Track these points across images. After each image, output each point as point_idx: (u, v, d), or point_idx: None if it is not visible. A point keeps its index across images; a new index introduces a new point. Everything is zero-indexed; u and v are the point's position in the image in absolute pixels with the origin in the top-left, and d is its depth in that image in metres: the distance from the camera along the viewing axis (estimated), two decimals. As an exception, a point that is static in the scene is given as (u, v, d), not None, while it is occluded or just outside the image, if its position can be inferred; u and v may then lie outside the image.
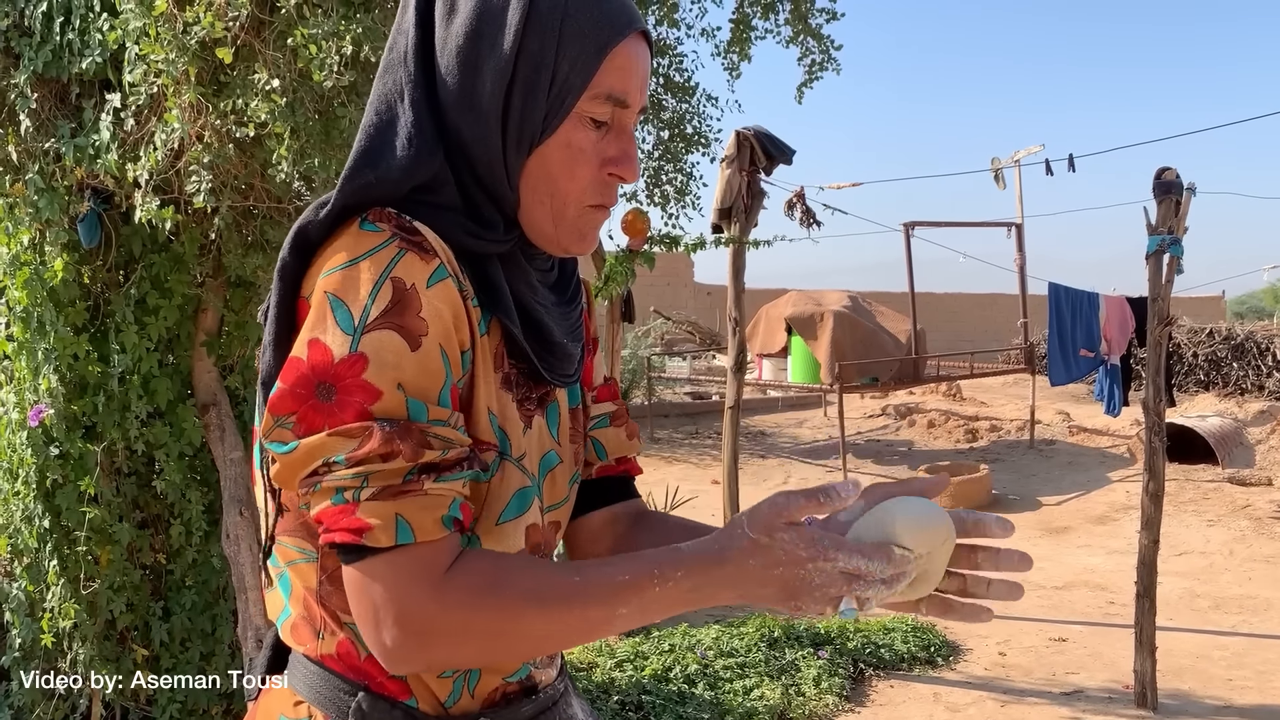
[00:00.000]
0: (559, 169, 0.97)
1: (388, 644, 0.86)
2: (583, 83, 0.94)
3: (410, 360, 0.86)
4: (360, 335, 0.85)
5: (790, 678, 4.34)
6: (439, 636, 0.86)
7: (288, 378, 0.86)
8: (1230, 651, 5.05)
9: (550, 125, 0.95)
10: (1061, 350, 9.90)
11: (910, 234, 11.82)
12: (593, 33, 0.94)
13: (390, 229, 0.89)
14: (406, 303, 0.86)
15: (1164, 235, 3.96)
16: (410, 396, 0.86)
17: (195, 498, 3.16)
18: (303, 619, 0.98)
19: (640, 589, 0.87)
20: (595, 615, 0.88)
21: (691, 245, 5.17)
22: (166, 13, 2.46)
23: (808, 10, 4.89)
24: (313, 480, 0.86)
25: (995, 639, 5.22)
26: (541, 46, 0.93)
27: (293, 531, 0.96)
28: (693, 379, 14.10)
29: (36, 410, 3.07)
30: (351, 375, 0.85)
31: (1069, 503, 8.79)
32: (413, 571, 0.85)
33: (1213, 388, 14.94)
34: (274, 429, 0.87)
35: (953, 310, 22.67)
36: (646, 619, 0.90)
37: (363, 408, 0.84)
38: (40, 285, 3.06)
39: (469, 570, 0.87)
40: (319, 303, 0.87)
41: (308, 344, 0.86)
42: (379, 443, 0.83)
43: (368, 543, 0.84)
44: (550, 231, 0.99)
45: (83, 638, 3.12)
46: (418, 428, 0.85)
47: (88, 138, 2.79)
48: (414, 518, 0.85)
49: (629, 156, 1.00)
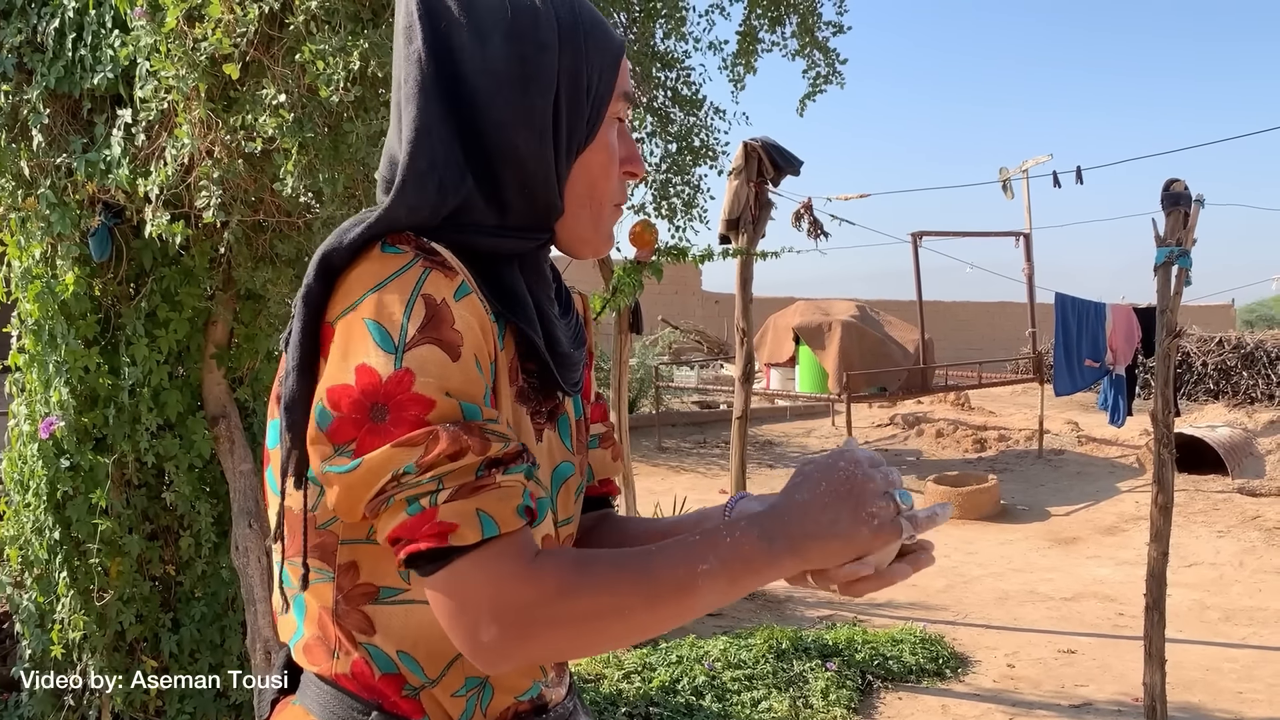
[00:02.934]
0: (599, 171, 1.04)
1: (486, 641, 0.85)
2: (610, 88, 1.03)
3: (454, 370, 0.87)
4: (403, 353, 0.86)
5: (798, 689, 4.33)
6: (539, 625, 0.86)
7: (341, 405, 0.87)
8: (1241, 664, 5.02)
9: (593, 131, 1.02)
10: (1066, 360, 9.89)
11: (918, 244, 11.81)
12: (607, 44, 1.03)
13: (412, 250, 0.91)
14: (441, 317, 0.88)
15: (1172, 247, 3.95)
16: (462, 401, 0.87)
17: (205, 510, 3.17)
18: (317, 639, 0.99)
19: (714, 542, 0.89)
20: (680, 575, 0.88)
21: (699, 257, 5.18)
22: (177, 29, 2.48)
23: (814, 24, 4.91)
24: (382, 498, 0.86)
25: (1004, 650, 5.21)
26: (575, 60, 1.00)
27: (309, 552, 0.96)
28: (700, 388, 14.09)
29: (47, 422, 3.09)
30: (401, 391, 0.86)
31: (1078, 513, 8.76)
32: (503, 564, 0.85)
33: (1222, 397, 14.89)
34: (334, 456, 0.88)
35: (961, 319, 22.62)
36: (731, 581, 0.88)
37: (419, 418, 0.85)
38: (52, 298, 3.08)
39: (555, 556, 0.89)
40: (356, 329, 0.88)
41: (355, 370, 0.87)
42: (447, 443, 0.84)
43: (455, 543, 0.84)
44: (590, 234, 1.06)
45: (92, 649, 3.13)
46: (476, 424, 0.87)
47: (99, 153, 2.81)
48: (495, 510, 0.86)
49: (638, 154, 1.10)
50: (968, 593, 6.44)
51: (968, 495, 8.61)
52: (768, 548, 0.88)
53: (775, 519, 0.90)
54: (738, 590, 0.89)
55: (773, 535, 0.89)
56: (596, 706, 3.99)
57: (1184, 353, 15.04)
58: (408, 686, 0.97)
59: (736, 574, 0.89)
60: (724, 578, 0.88)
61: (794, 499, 0.90)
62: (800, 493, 0.90)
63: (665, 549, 0.90)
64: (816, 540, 0.88)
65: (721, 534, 0.89)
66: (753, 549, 0.88)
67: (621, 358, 5.71)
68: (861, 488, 0.89)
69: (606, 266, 5.12)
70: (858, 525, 0.88)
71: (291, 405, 0.92)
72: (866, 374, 11.02)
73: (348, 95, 2.42)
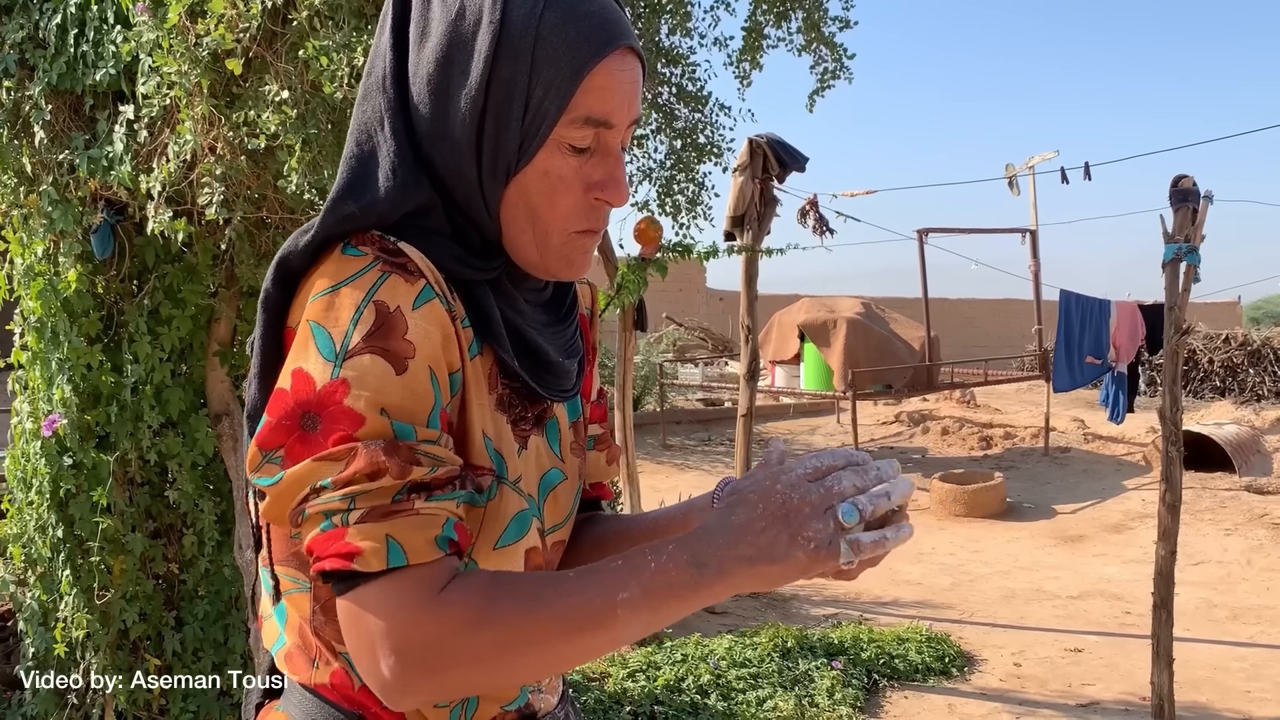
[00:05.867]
0: (538, 198, 0.93)
1: (387, 676, 0.81)
2: (558, 109, 0.90)
3: (394, 384, 0.83)
4: (342, 361, 0.83)
5: (804, 688, 4.31)
6: (444, 661, 0.82)
7: (274, 411, 0.85)
8: (1249, 663, 5.00)
9: (526, 154, 0.91)
10: (1067, 356, 9.87)
11: (924, 241, 11.78)
12: (567, 56, 0.89)
13: (373, 252, 0.87)
14: (391, 325, 0.84)
15: (1181, 244, 3.93)
16: (395, 420, 0.83)
17: (208, 508, 3.16)
18: (298, 648, 0.97)
19: (636, 569, 0.84)
20: (597, 606, 0.83)
21: (704, 254, 5.16)
22: (179, 25, 2.47)
23: (820, 19, 4.88)
24: (299, 509, 0.83)
25: (1010, 649, 5.19)
26: (514, 73, 0.89)
27: (285, 561, 0.95)
28: (705, 386, 14.07)
29: (50, 420, 3.08)
30: (334, 402, 0.82)
31: (1084, 511, 8.73)
32: (407, 595, 0.81)
33: (1229, 394, 14.85)
34: (262, 465, 0.85)
35: (966, 316, 22.57)
36: (654, 610, 0.84)
37: (346, 434, 0.82)
38: (54, 296, 3.07)
39: (464, 588, 0.84)
40: (302, 332, 0.85)
41: (291, 374, 0.84)
42: (365, 461, 0.81)
43: (359, 567, 0.81)
44: (536, 259, 0.96)
45: (95, 648, 3.12)
46: (405, 445, 0.83)
47: (101, 149, 2.80)
48: (405, 539, 0.82)
49: (615, 180, 0.95)
50: (974, 591, 6.41)
51: (973, 493, 8.59)
52: (695, 575, 0.83)
53: (707, 543, 0.84)
54: (662, 619, 0.84)
55: (702, 561, 0.83)
56: (601, 705, 3.97)
57: (1190, 350, 15.01)
58: None
59: (659, 601, 0.83)
60: (646, 607, 0.83)
61: (729, 520, 0.84)
62: (736, 515, 0.85)
63: (586, 575, 0.85)
64: (750, 565, 0.83)
65: (647, 559, 0.84)
66: (678, 574, 0.83)
67: (626, 355, 5.69)
68: (798, 510, 0.83)
69: (611, 264, 5.11)
70: (793, 549, 0.82)
71: (253, 413, 0.90)
72: (872, 371, 11.00)
73: (351, 92, 2.40)
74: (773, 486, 0.85)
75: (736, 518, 0.84)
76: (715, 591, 0.84)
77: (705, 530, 0.85)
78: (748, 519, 0.84)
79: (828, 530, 0.82)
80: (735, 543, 0.83)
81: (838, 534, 0.83)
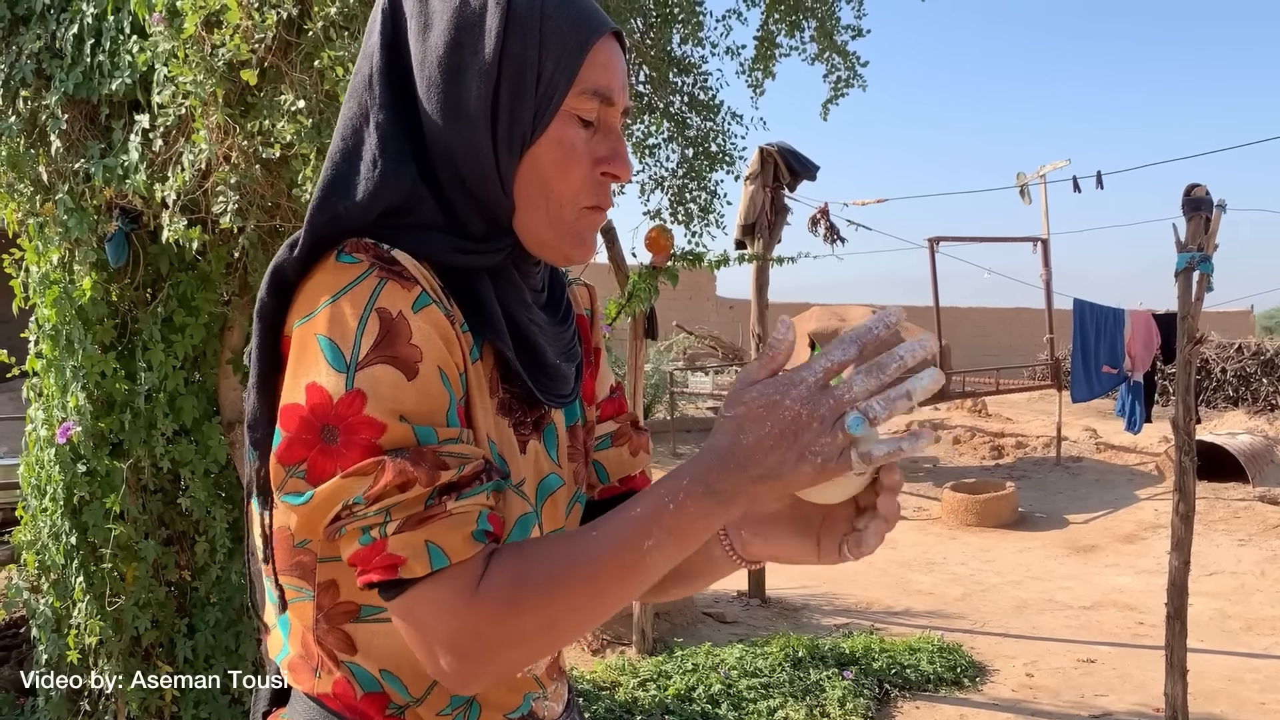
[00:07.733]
0: (552, 169, 0.95)
1: (448, 671, 0.85)
2: (568, 80, 0.94)
3: (408, 390, 0.85)
4: (354, 372, 0.84)
5: (815, 698, 4.30)
6: (494, 647, 0.85)
7: (290, 425, 0.85)
8: (1263, 674, 4.96)
9: (540, 124, 0.94)
10: (1084, 367, 9.82)
11: (935, 249, 11.76)
12: (571, 31, 0.94)
13: (369, 259, 0.87)
14: (396, 332, 0.85)
15: (1194, 252, 3.91)
16: (416, 425, 0.85)
17: (220, 515, 3.17)
18: (301, 657, 0.97)
19: (657, 512, 0.85)
20: (627, 559, 0.85)
21: (715, 263, 5.16)
22: (195, 35, 2.48)
23: (833, 28, 4.89)
24: (336, 526, 0.85)
25: (1022, 660, 5.16)
26: (524, 47, 0.93)
27: (288, 570, 0.95)
28: (715, 394, 14.05)
29: (64, 427, 3.09)
30: (352, 414, 0.83)
31: (1096, 521, 8.69)
32: (451, 593, 0.84)
33: (1242, 404, 14.77)
34: (286, 480, 0.86)
35: (978, 325, 22.52)
36: (680, 546, 0.85)
37: (370, 443, 0.83)
38: (69, 303, 3.08)
39: (495, 574, 0.86)
40: (309, 345, 0.86)
41: (305, 388, 0.85)
42: (393, 474, 0.82)
43: (404, 575, 0.83)
44: (549, 236, 0.98)
45: (108, 654, 3.13)
46: (430, 450, 0.84)
47: (117, 158, 2.82)
48: (444, 540, 0.84)
49: (620, 154, 0.99)
50: (985, 601, 6.39)
51: (985, 503, 8.56)
52: (714, 504, 0.84)
53: (720, 469, 0.84)
54: (689, 549, 0.86)
55: (718, 489, 0.83)
56: (611, 714, 3.97)
57: (1203, 359, 14.94)
58: (392, 705, 0.95)
59: (684, 538, 0.85)
60: (672, 545, 0.85)
61: (739, 440, 0.83)
62: (745, 434, 0.83)
63: (608, 530, 0.86)
64: (764, 483, 0.83)
65: (665, 501, 0.85)
66: (698, 508, 0.84)
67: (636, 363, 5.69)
68: (806, 425, 0.82)
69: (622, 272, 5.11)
70: (801, 465, 0.82)
71: (253, 423, 0.91)
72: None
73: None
74: (781, 400, 0.83)
75: (745, 437, 0.83)
76: (734, 513, 0.85)
77: (717, 455, 0.84)
78: (756, 438, 0.83)
79: (836, 443, 0.81)
80: (746, 465, 0.83)
81: (847, 446, 0.81)
